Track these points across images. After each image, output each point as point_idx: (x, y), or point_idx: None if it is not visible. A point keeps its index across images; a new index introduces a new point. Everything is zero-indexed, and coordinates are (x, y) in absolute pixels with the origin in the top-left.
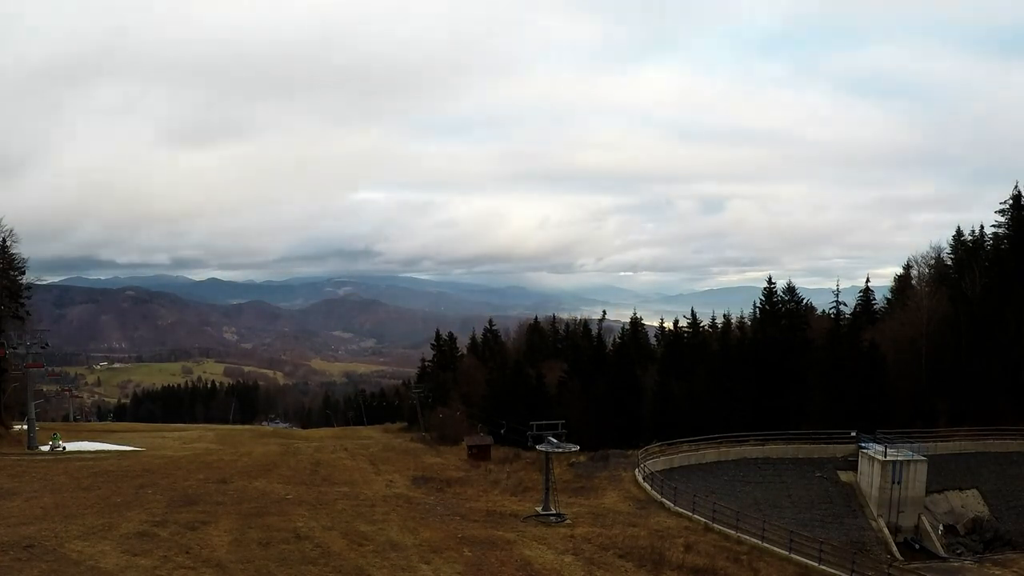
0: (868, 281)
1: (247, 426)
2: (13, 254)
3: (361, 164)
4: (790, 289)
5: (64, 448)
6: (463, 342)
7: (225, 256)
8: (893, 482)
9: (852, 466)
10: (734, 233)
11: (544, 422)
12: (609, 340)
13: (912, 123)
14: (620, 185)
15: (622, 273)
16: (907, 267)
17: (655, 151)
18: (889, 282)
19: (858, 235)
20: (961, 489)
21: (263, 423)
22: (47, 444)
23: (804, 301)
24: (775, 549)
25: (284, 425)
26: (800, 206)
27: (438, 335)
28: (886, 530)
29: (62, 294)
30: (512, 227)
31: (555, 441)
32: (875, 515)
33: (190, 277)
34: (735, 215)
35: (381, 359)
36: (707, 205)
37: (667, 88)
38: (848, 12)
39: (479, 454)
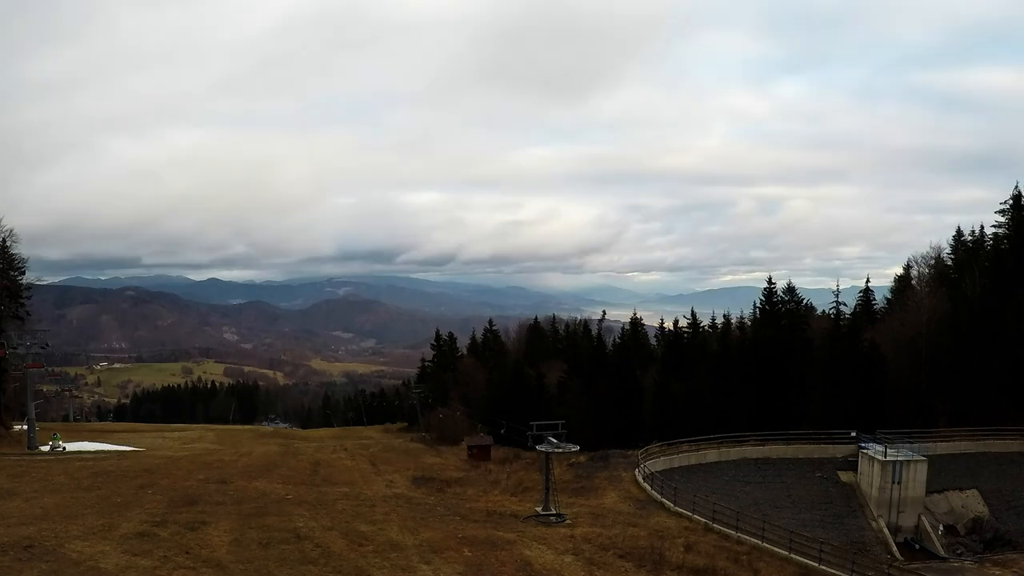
0: (868, 281)
1: (247, 426)
2: (13, 254)
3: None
4: (790, 289)
5: (64, 448)
6: (463, 342)
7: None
8: (893, 482)
9: (852, 466)
10: (785, 233)
11: (544, 422)
12: (609, 340)
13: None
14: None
15: (621, 273)
16: (907, 267)
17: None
18: (889, 282)
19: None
20: (961, 489)
21: (263, 423)
22: (47, 444)
23: (804, 301)
24: (775, 549)
25: (284, 425)
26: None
27: (438, 335)
28: (886, 530)
29: (62, 294)
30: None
31: (555, 441)
32: (875, 515)
33: (190, 277)
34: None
35: (381, 359)
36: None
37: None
38: None
39: (479, 454)
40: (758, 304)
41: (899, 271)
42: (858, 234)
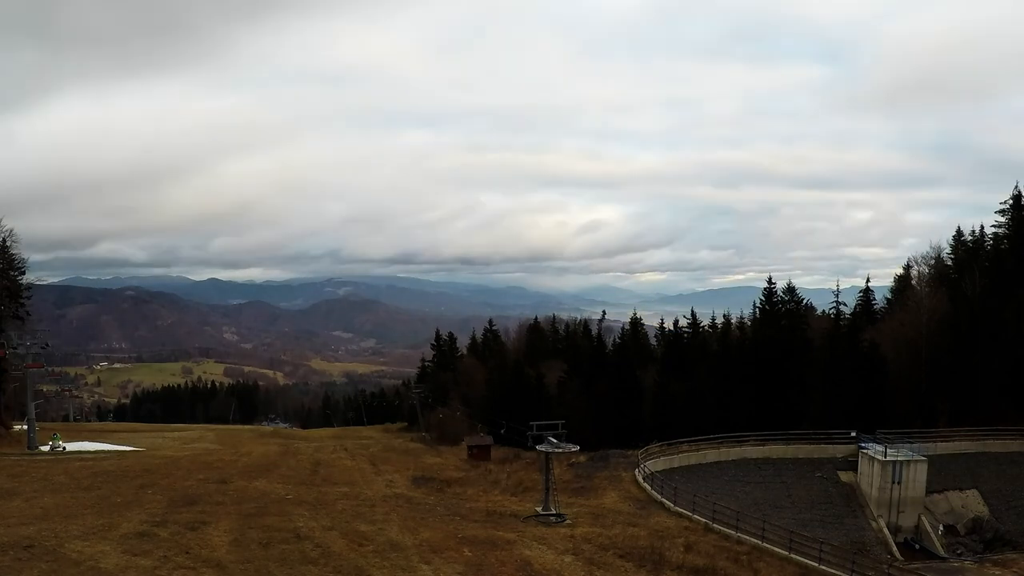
0: (868, 281)
1: (247, 426)
2: (13, 254)
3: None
4: (790, 289)
5: (64, 448)
6: (463, 342)
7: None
8: (893, 482)
9: (852, 466)
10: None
11: (544, 422)
12: (609, 340)
13: None
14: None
15: (621, 273)
16: (907, 267)
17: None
18: (889, 282)
19: None
20: (961, 489)
21: (263, 423)
22: (47, 444)
23: (804, 301)
24: (775, 549)
25: (284, 425)
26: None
27: (438, 335)
28: (886, 530)
29: (62, 294)
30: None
31: (555, 441)
32: (875, 515)
33: (190, 277)
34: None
35: (381, 359)
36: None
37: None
38: None
39: (479, 454)
40: (758, 304)
41: (899, 271)
42: None
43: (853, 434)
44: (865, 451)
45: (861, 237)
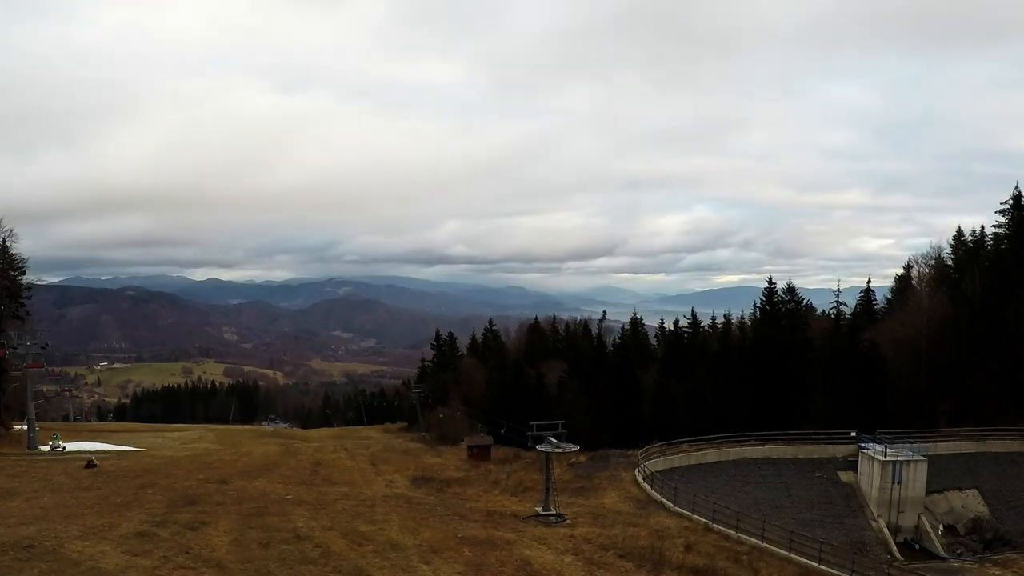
0: (869, 281)
1: (247, 426)
2: (13, 254)
3: None
4: (790, 289)
5: (64, 448)
6: (463, 342)
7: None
8: (893, 482)
9: (852, 466)
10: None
11: (544, 422)
12: (609, 340)
13: None
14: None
15: (621, 274)
16: (907, 267)
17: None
18: (890, 282)
19: None
20: (961, 489)
21: (263, 423)
22: (47, 444)
23: (804, 301)
24: (775, 549)
25: (284, 425)
26: None
27: (438, 335)
28: (886, 530)
29: (62, 294)
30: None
31: (555, 441)
32: (875, 515)
33: (190, 277)
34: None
35: (381, 359)
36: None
37: None
38: None
39: (479, 454)
40: (758, 304)
41: (899, 271)
42: None
43: (853, 434)
44: (865, 451)
45: None
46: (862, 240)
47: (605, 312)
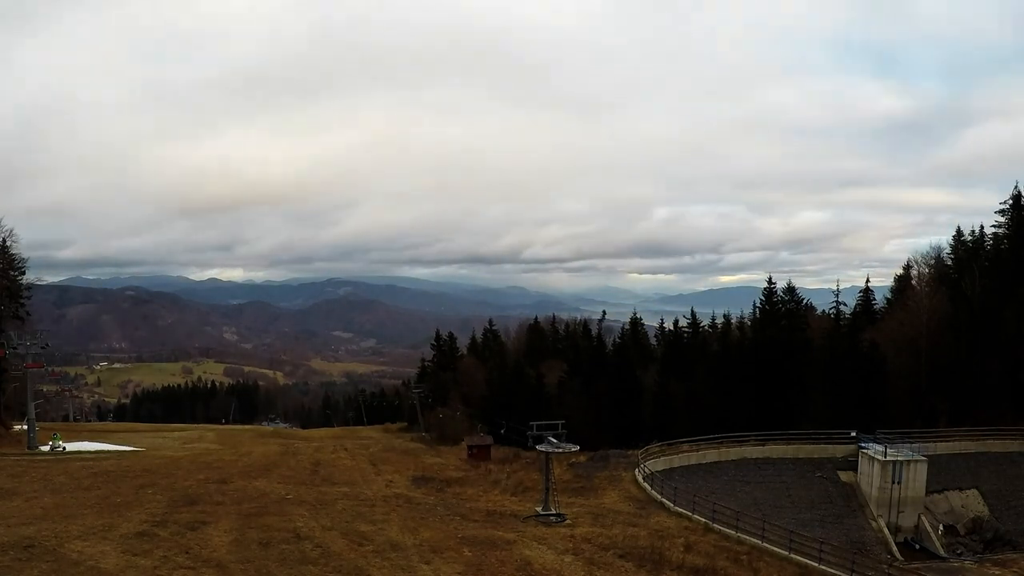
0: (868, 281)
1: (247, 426)
2: (13, 254)
3: None
4: (790, 289)
5: (64, 448)
6: (463, 342)
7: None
8: (893, 482)
9: (852, 466)
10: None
11: (544, 422)
12: (609, 340)
13: None
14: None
15: (621, 274)
16: (907, 267)
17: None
18: (889, 282)
19: None
20: (961, 489)
21: (263, 423)
22: (47, 444)
23: (804, 301)
24: (775, 549)
25: (284, 425)
26: None
27: (438, 335)
28: (886, 530)
29: (62, 294)
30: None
31: (555, 441)
32: (875, 515)
33: (190, 277)
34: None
35: (381, 359)
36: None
37: None
38: None
39: (479, 454)
40: (758, 304)
41: (899, 271)
42: None
43: (853, 434)
44: (865, 451)
45: None
46: (862, 240)
47: (605, 312)
